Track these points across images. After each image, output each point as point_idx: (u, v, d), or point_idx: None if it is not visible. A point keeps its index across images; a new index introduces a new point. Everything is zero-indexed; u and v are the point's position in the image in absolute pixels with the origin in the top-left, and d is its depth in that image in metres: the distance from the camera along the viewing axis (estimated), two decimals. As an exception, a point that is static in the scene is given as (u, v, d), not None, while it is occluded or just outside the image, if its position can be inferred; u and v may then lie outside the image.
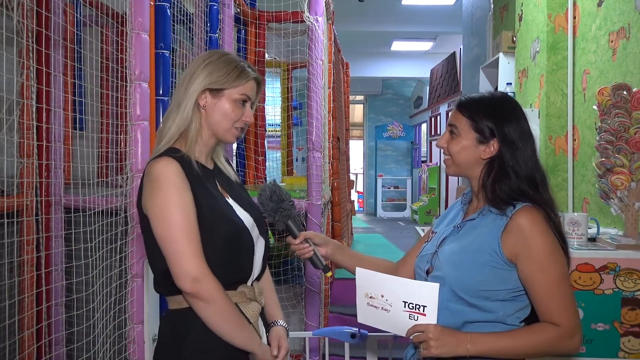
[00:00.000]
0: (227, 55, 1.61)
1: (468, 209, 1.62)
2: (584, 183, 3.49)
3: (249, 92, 1.58)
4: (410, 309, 1.41)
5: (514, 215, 1.43)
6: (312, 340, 3.06)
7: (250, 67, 1.62)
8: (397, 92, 15.91)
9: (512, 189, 1.46)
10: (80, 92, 3.29)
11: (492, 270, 1.43)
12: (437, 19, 9.52)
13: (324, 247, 1.73)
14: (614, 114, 2.51)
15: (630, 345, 2.26)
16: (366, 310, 1.51)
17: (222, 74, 1.54)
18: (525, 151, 1.48)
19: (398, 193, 14.90)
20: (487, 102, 1.53)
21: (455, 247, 1.51)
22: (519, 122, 1.50)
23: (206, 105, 1.56)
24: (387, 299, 1.45)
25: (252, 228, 1.61)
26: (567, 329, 1.40)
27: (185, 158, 1.52)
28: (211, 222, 1.49)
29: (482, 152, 1.51)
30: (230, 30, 3.66)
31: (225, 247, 1.51)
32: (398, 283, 1.44)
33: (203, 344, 1.49)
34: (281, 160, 5.75)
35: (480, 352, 1.39)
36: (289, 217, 1.65)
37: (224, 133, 1.58)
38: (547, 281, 1.40)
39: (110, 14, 3.10)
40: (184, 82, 1.57)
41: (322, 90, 3.39)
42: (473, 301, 1.43)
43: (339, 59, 5.73)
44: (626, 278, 2.26)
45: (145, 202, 1.48)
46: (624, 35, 3.03)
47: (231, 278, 1.54)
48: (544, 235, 1.41)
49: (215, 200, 1.53)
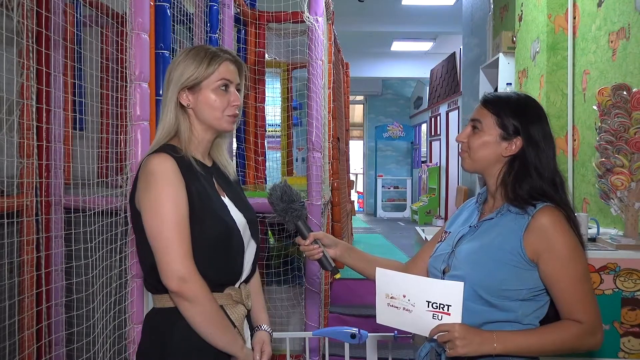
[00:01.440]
0: (196, 48, 1.58)
1: (484, 209, 1.61)
2: (584, 183, 3.49)
3: (226, 75, 1.55)
4: (434, 308, 1.40)
5: (536, 215, 1.44)
6: (312, 341, 3.06)
7: (223, 50, 1.59)
8: (397, 93, 15.91)
9: (533, 189, 1.47)
10: (80, 93, 3.29)
11: (512, 270, 1.44)
12: (437, 19, 9.52)
13: (333, 249, 1.72)
14: (614, 114, 2.52)
15: (630, 346, 2.26)
16: (386, 311, 1.49)
17: (193, 69, 1.53)
18: (547, 152, 1.51)
19: (398, 193, 14.90)
20: (514, 101, 1.54)
21: (475, 247, 1.51)
22: (543, 123, 1.52)
23: (190, 104, 1.55)
24: (409, 299, 1.44)
25: (244, 230, 1.60)
26: (589, 326, 1.41)
27: (183, 156, 1.51)
28: (202, 219, 1.48)
29: (503, 150, 1.52)
30: (230, 30, 3.66)
31: (215, 246, 1.50)
32: (421, 282, 1.44)
33: (186, 346, 1.48)
34: (281, 161, 5.74)
35: (507, 351, 1.39)
36: (299, 218, 1.63)
37: (218, 123, 1.56)
38: (570, 279, 1.41)
39: (110, 14, 3.10)
40: (164, 87, 1.58)
41: (322, 90, 3.39)
42: (493, 300, 1.44)
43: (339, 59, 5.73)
44: (626, 278, 2.26)
45: (139, 197, 1.47)
46: (624, 35, 3.03)
47: (219, 279, 1.53)
48: (565, 234, 1.42)
49: (209, 198, 1.52)
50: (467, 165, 1.58)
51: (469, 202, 1.72)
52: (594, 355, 2.27)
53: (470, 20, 7.82)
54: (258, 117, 4.59)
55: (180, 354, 1.48)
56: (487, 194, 1.62)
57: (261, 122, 4.63)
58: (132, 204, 1.51)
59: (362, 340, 2.39)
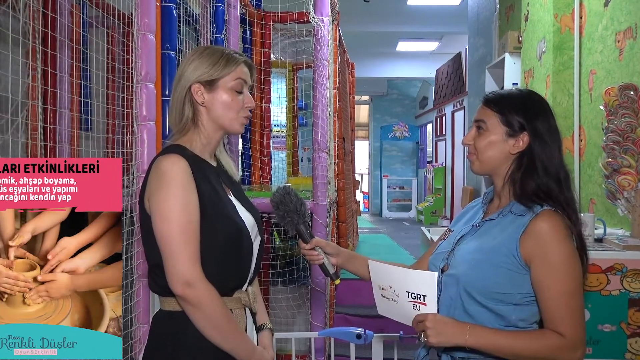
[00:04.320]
0: (211, 48, 1.60)
1: (488, 209, 1.59)
2: (591, 183, 3.47)
3: (242, 75, 1.56)
4: (413, 298, 1.42)
5: (535, 219, 1.41)
6: (317, 341, 3.06)
7: (237, 52, 1.60)
8: (402, 93, 15.90)
9: (538, 186, 1.45)
10: (87, 93, 3.30)
11: (507, 273, 1.41)
12: (442, 19, 9.51)
13: (335, 257, 1.71)
14: (620, 114, 2.51)
15: (637, 347, 2.25)
16: (382, 302, 1.53)
17: (210, 65, 1.53)
18: (553, 147, 1.48)
19: (403, 193, 14.88)
20: (516, 96, 1.53)
21: (473, 247, 1.49)
22: (547, 117, 1.50)
23: (205, 102, 1.54)
24: (394, 289, 1.46)
25: (252, 228, 1.60)
26: (570, 341, 1.37)
27: (193, 155, 1.51)
28: (214, 220, 1.48)
29: (511, 147, 1.49)
30: (236, 30, 3.67)
31: (226, 247, 1.50)
32: (400, 273, 1.46)
33: (196, 348, 1.48)
34: (287, 161, 5.74)
35: (478, 345, 1.38)
36: (298, 225, 1.64)
37: (230, 124, 1.56)
38: (557, 288, 1.38)
39: (116, 15, 3.11)
40: (175, 82, 1.57)
41: (328, 90, 3.39)
42: (486, 303, 1.42)
43: (344, 59, 5.73)
44: (633, 279, 2.25)
45: (150, 197, 1.47)
46: (631, 35, 3.02)
47: (230, 282, 1.53)
48: (562, 242, 1.39)
49: (219, 199, 1.52)
50: (476, 168, 1.55)
51: (475, 201, 1.70)
52: (602, 357, 2.26)
53: (476, 20, 7.80)
54: (264, 118, 4.59)
55: (194, 352, 1.48)
56: (492, 193, 1.61)
57: (267, 123, 4.63)
58: (142, 204, 1.50)
59: (367, 341, 2.39)
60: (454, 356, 1.47)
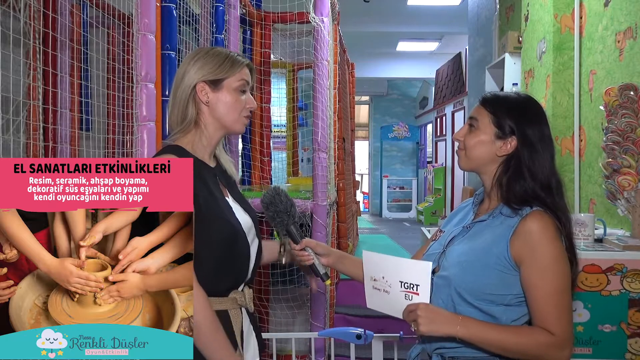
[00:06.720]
0: (215, 48, 1.62)
1: (479, 210, 1.60)
2: (591, 184, 3.47)
3: (246, 77, 1.58)
4: (406, 288, 1.43)
5: (524, 219, 1.42)
6: (317, 341, 3.06)
7: (240, 54, 1.63)
8: (402, 93, 15.90)
9: (525, 191, 1.46)
10: (87, 93, 3.30)
11: (499, 274, 1.42)
12: (442, 19, 9.51)
13: (326, 257, 1.72)
14: (620, 114, 2.51)
15: (637, 347, 2.25)
16: (372, 294, 1.53)
17: (216, 65, 1.54)
18: (544, 155, 1.48)
19: (403, 194, 14.88)
20: (512, 100, 1.54)
21: (464, 249, 1.50)
22: (541, 125, 1.51)
23: (209, 101, 1.54)
24: (387, 280, 1.47)
25: (249, 230, 1.59)
26: (559, 340, 1.38)
27: (192, 156, 1.50)
28: (208, 223, 1.47)
29: (498, 149, 1.51)
30: (236, 31, 3.67)
31: (221, 250, 1.49)
32: (394, 262, 1.46)
33: None
34: (287, 161, 5.75)
35: (468, 336, 1.38)
36: (287, 225, 1.65)
37: (232, 124, 1.57)
38: (546, 288, 1.39)
39: (116, 15, 3.11)
40: (176, 82, 1.56)
41: (328, 90, 3.39)
42: (477, 304, 1.43)
43: (344, 59, 5.73)
44: (633, 279, 2.25)
45: None
46: (631, 35, 3.02)
47: (225, 283, 1.53)
48: (551, 242, 1.40)
49: (215, 201, 1.51)
50: (463, 163, 1.58)
51: (466, 201, 1.71)
52: (602, 357, 2.26)
53: (475, 21, 7.80)
54: (264, 118, 4.59)
55: None
56: (483, 194, 1.62)
57: (267, 123, 4.63)
58: None
59: (367, 341, 2.39)
60: (444, 356, 1.48)
